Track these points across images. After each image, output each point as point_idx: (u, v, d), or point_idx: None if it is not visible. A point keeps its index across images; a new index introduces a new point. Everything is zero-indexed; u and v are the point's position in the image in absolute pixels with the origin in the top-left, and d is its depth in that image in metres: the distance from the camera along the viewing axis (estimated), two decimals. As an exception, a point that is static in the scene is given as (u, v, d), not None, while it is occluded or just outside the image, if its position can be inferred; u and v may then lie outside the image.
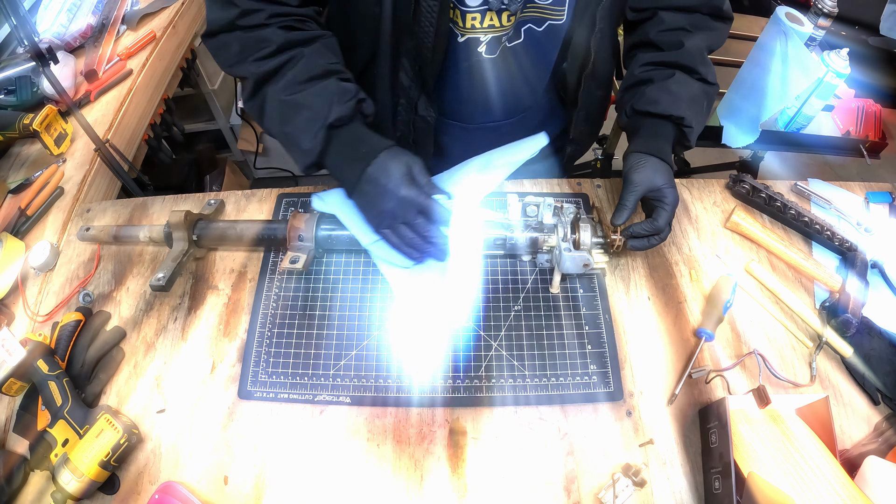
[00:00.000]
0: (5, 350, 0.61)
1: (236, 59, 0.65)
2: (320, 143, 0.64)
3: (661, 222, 0.66)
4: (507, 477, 0.58)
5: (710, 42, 0.73)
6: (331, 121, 0.63)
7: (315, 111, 0.63)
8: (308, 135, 0.63)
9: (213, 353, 0.67)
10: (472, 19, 0.66)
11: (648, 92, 0.70)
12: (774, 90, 1.05)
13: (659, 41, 0.72)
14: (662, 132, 0.70)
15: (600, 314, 0.69)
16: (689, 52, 0.70)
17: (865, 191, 0.85)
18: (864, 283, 0.69)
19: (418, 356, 0.66)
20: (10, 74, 1.04)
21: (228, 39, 0.64)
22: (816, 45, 1.08)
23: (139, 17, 1.25)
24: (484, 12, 0.66)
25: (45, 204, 0.86)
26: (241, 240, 0.73)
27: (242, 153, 1.93)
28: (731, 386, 0.64)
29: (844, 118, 1.16)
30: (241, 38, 0.64)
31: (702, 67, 0.71)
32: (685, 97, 0.69)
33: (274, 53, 0.63)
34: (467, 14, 0.65)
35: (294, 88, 0.63)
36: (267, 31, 0.63)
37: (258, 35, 0.63)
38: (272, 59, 0.63)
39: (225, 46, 0.65)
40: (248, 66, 0.64)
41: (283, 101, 0.63)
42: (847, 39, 1.16)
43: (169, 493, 0.56)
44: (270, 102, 0.65)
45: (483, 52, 0.71)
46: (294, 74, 0.63)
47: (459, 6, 0.64)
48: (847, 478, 0.53)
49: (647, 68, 0.72)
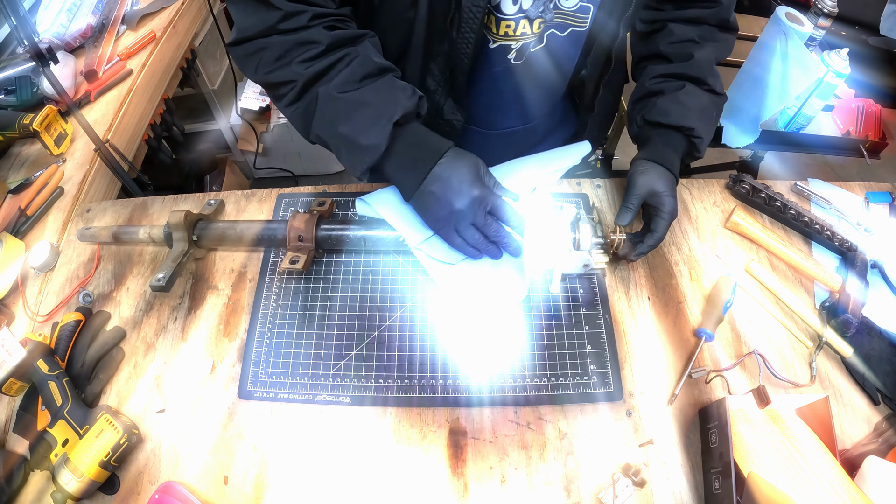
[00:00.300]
0: (5, 350, 0.61)
1: (276, 65, 0.61)
2: (385, 141, 0.61)
3: (659, 231, 0.67)
4: (507, 477, 0.58)
5: (718, 53, 0.74)
6: (397, 118, 0.60)
7: (378, 108, 0.61)
8: (372, 133, 0.60)
9: (213, 353, 0.67)
10: (507, 27, 0.66)
11: (660, 103, 0.71)
12: (774, 90, 1.06)
13: (669, 53, 0.73)
14: (672, 143, 0.71)
15: (600, 314, 0.69)
16: (699, 63, 0.71)
17: (865, 191, 0.85)
18: (864, 283, 0.69)
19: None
20: (10, 74, 1.04)
21: (266, 44, 0.61)
22: (816, 45, 1.08)
23: (139, 17, 1.25)
24: (518, 20, 0.65)
25: (45, 204, 0.86)
26: (241, 240, 0.73)
27: (242, 153, 1.93)
28: (731, 386, 0.64)
29: (844, 118, 1.16)
30: (282, 41, 0.61)
31: (711, 79, 0.72)
32: (695, 108, 0.70)
33: (323, 53, 0.61)
34: (502, 21, 0.65)
35: (351, 86, 0.61)
36: (311, 31, 0.61)
37: (302, 37, 0.60)
38: (322, 59, 0.61)
39: (260, 52, 0.62)
40: (292, 69, 0.61)
41: (340, 98, 0.60)
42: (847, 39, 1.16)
43: (169, 493, 0.56)
44: (324, 102, 0.61)
45: (512, 60, 0.71)
46: (349, 72, 0.61)
47: (496, 13, 0.64)
48: (847, 478, 0.53)
49: (657, 80, 0.74)
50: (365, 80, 0.61)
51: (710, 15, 0.73)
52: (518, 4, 0.64)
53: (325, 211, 0.75)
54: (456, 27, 0.63)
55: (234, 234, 0.73)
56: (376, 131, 0.60)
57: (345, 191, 0.83)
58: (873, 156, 1.13)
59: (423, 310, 0.69)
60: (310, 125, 0.64)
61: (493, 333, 0.67)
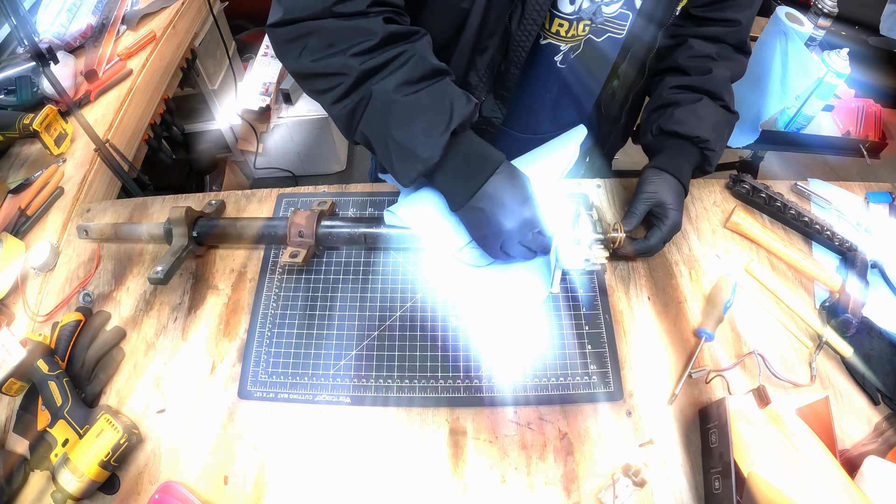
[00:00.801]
0: (5, 350, 0.61)
1: (325, 53, 0.57)
2: (440, 151, 0.58)
3: (653, 241, 0.68)
4: (507, 477, 0.58)
5: (733, 73, 0.75)
6: (454, 127, 0.58)
7: (435, 116, 0.58)
8: (428, 142, 0.58)
9: (213, 353, 0.67)
10: (559, 25, 0.65)
11: (677, 113, 0.71)
12: (774, 90, 1.06)
13: (687, 66, 0.74)
14: (686, 153, 0.72)
15: (600, 314, 0.69)
16: (716, 79, 0.72)
17: (865, 191, 0.85)
18: (864, 283, 0.69)
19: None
20: (10, 74, 1.04)
21: (316, 28, 0.56)
22: (816, 45, 1.08)
23: (139, 17, 1.25)
24: (573, 21, 0.64)
25: (45, 204, 0.86)
26: (242, 237, 0.73)
27: (242, 153, 1.93)
28: (731, 386, 0.64)
29: (844, 118, 1.16)
30: (335, 26, 0.56)
31: (726, 95, 0.73)
32: (710, 122, 0.71)
33: (377, 47, 0.56)
34: (556, 19, 0.64)
35: (408, 88, 0.57)
36: (368, 20, 0.56)
37: (357, 24, 0.56)
38: (378, 54, 0.57)
39: (307, 37, 0.57)
40: (345, 60, 0.56)
41: (398, 101, 0.57)
42: (847, 39, 1.16)
43: (169, 493, 0.56)
44: (378, 102, 0.57)
45: (558, 62, 0.71)
46: (406, 72, 0.57)
47: (553, 10, 0.63)
48: (847, 478, 0.53)
49: (675, 91, 0.74)
50: (423, 82, 0.58)
51: (730, 34, 0.73)
52: (577, 4, 0.63)
53: (326, 210, 0.75)
54: (517, 19, 0.61)
55: (235, 231, 0.73)
56: (433, 141, 0.58)
57: (345, 191, 0.83)
58: (873, 156, 1.13)
59: (423, 309, 0.69)
60: (357, 123, 0.60)
61: (493, 333, 0.67)
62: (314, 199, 0.78)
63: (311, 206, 0.76)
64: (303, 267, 0.73)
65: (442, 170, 0.61)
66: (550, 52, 0.69)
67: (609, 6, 0.65)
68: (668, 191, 0.69)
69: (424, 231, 0.69)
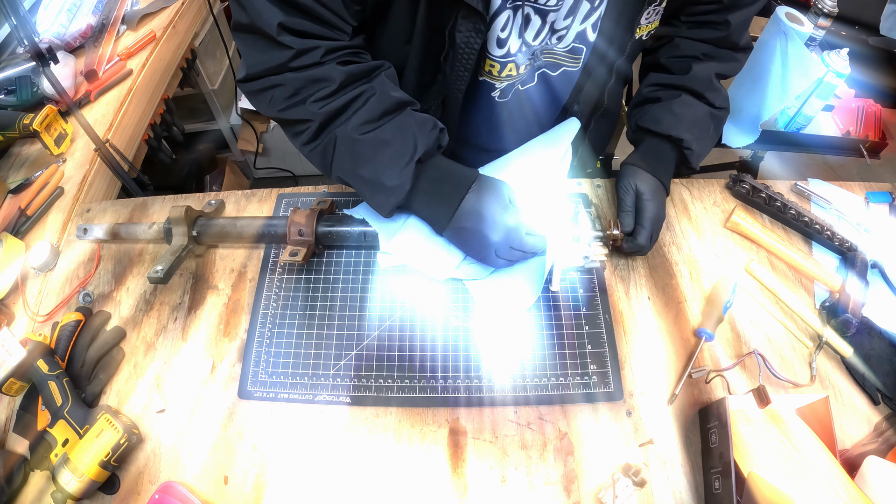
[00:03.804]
0: (5, 350, 0.61)
1: (289, 103, 0.59)
2: (409, 181, 0.60)
3: (640, 239, 0.68)
4: (507, 477, 0.58)
5: (723, 69, 0.74)
6: (419, 156, 0.60)
7: (398, 147, 0.59)
8: (394, 172, 0.60)
9: (213, 353, 0.67)
10: (491, 66, 0.66)
11: (653, 111, 0.72)
12: (774, 90, 1.06)
13: (668, 64, 0.74)
14: (661, 151, 0.72)
15: (600, 314, 0.69)
16: (696, 76, 0.72)
17: (865, 191, 0.85)
18: (864, 283, 0.69)
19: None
20: (10, 74, 1.04)
21: (277, 82, 0.59)
22: (816, 45, 1.08)
23: (139, 17, 1.25)
24: (505, 63, 0.65)
25: (45, 204, 0.86)
26: (242, 236, 0.73)
27: (242, 153, 1.93)
28: (731, 386, 0.64)
29: (844, 118, 1.16)
30: (294, 79, 0.58)
31: (709, 93, 0.72)
32: (688, 119, 0.70)
33: (336, 91, 0.59)
34: (487, 60, 0.65)
35: (369, 126, 0.59)
36: (324, 68, 0.58)
37: (314, 74, 0.58)
38: (336, 98, 0.59)
39: (272, 90, 0.60)
40: (307, 108, 0.59)
41: (360, 139, 0.59)
42: (847, 39, 1.16)
43: (169, 492, 0.56)
44: (343, 143, 0.60)
45: (496, 98, 0.71)
46: (367, 111, 0.59)
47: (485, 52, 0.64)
48: (847, 478, 0.53)
49: (654, 88, 0.74)
50: (384, 118, 0.60)
51: (720, 38, 0.73)
52: (506, 48, 0.63)
53: (326, 209, 0.75)
54: (450, 63, 0.63)
55: (235, 231, 0.73)
56: (398, 171, 0.60)
57: (345, 191, 0.83)
58: (873, 156, 1.13)
59: (423, 309, 0.69)
60: (329, 165, 0.63)
61: (493, 333, 0.67)
62: (314, 199, 0.78)
63: (311, 205, 0.76)
64: (303, 266, 0.73)
65: (416, 197, 0.64)
66: (487, 88, 0.70)
67: (561, 42, 0.65)
68: (642, 184, 0.69)
69: (419, 261, 0.70)
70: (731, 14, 0.70)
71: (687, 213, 0.80)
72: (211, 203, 0.80)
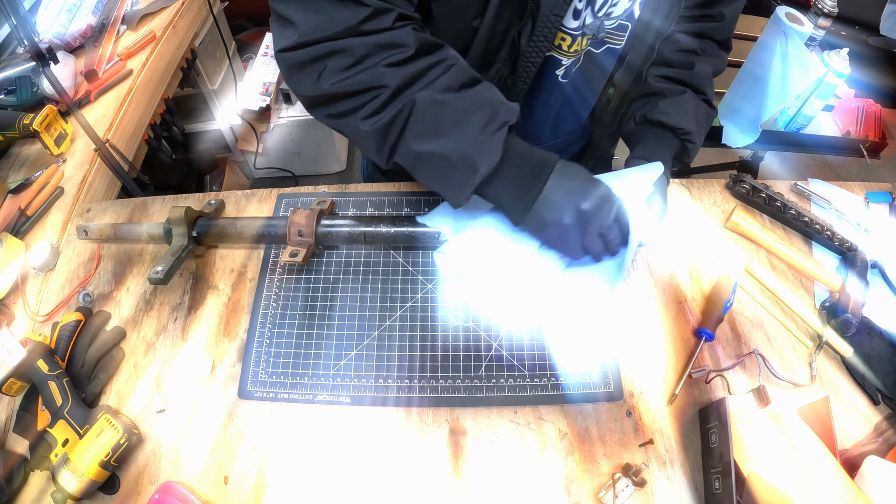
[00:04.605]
0: (5, 350, 0.61)
1: (350, 73, 0.52)
2: (500, 149, 0.54)
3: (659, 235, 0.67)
4: (507, 477, 0.58)
5: (715, 68, 0.75)
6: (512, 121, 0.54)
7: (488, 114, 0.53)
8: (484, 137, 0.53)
9: (213, 353, 0.67)
10: (562, 40, 0.65)
11: (661, 104, 0.71)
12: (774, 90, 1.06)
13: (671, 59, 0.74)
14: (667, 143, 0.72)
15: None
16: (699, 74, 0.73)
17: (865, 191, 0.85)
18: (864, 283, 0.69)
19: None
20: (10, 74, 1.04)
21: (336, 48, 0.51)
22: (816, 45, 1.08)
23: (139, 17, 1.25)
24: (576, 37, 0.64)
25: (45, 204, 0.86)
26: (242, 236, 0.73)
27: (242, 153, 1.93)
28: (731, 386, 0.64)
29: (844, 118, 1.16)
30: (360, 44, 0.52)
31: (709, 90, 0.73)
32: (692, 114, 0.71)
33: (413, 57, 0.53)
34: (559, 34, 0.63)
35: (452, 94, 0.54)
36: (398, 32, 0.53)
37: (386, 38, 0.52)
38: (415, 62, 0.53)
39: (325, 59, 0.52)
40: (379, 71, 0.52)
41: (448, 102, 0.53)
42: (847, 39, 1.16)
43: (169, 493, 0.56)
44: (424, 108, 0.53)
45: (560, 76, 0.71)
46: (448, 79, 0.54)
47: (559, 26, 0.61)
48: (847, 478, 0.53)
49: (659, 80, 0.74)
50: (463, 90, 0.55)
51: (714, 30, 0.74)
52: (581, 19, 0.62)
53: (326, 209, 0.75)
54: (527, 36, 0.60)
55: (235, 231, 0.73)
56: (489, 136, 0.53)
57: (345, 191, 0.83)
58: (873, 156, 1.13)
59: (423, 310, 0.69)
60: (397, 138, 0.55)
61: (493, 333, 0.67)
62: (314, 199, 0.78)
63: (311, 205, 0.76)
64: (303, 266, 0.73)
65: (499, 174, 0.56)
66: (553, 66, 0.69)
67: (610, 18, 0.65)
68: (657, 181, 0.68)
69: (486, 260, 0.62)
70: (726, 7, 0.71)
71: (687, 213, 0.80)
72: (211, 203, 0.80)
